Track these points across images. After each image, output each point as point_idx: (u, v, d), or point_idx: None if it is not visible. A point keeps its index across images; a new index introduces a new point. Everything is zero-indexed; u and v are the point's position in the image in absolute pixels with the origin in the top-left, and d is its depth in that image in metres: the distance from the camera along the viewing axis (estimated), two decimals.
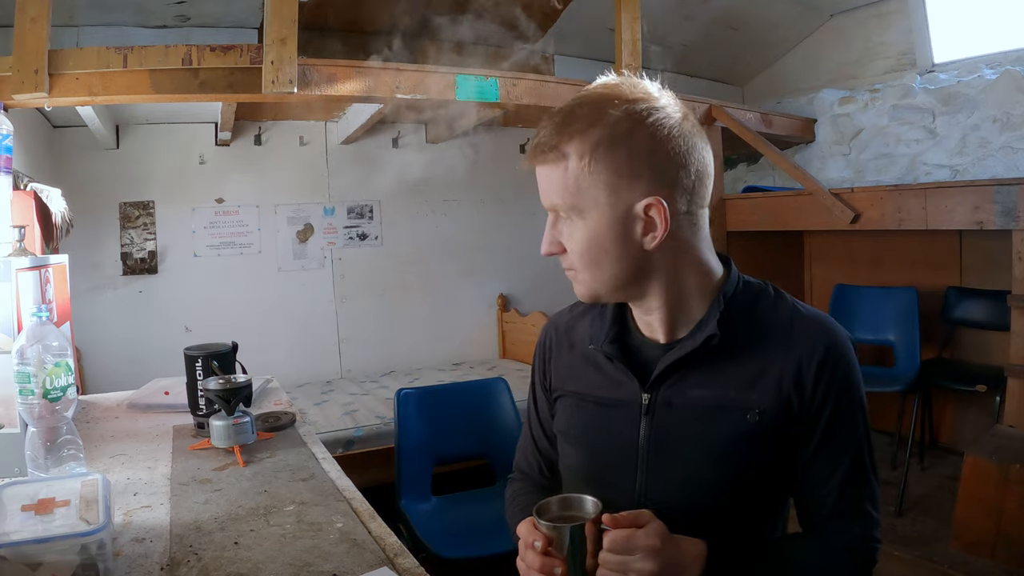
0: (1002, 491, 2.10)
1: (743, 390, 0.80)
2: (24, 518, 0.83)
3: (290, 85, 2.23)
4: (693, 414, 0.82)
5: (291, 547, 0.92)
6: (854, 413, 0.81)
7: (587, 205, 0.78)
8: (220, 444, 1.29)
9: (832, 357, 0.80)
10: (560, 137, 0.78)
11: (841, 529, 0.83)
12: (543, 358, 1.01)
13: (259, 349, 2.65)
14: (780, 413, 0.79)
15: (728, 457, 0.81)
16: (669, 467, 0.83)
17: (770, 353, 0.81)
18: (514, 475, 1.08)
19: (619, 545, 0.71)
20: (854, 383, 0.81)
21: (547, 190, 0.81)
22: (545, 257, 0.87)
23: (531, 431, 1.05)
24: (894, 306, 3.15)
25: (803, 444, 0.81)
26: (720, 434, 0.81)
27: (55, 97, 2.08)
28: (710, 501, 0.82)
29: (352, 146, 4.01)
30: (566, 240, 0.82)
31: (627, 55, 2.93)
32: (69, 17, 2.84)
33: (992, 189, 2.39)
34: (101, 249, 3.51)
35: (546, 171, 0.80)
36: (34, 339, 1.07)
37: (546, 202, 0.82)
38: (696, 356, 0.82)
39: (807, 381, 0.79)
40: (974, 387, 2.67)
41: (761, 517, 0.86)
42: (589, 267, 0.81)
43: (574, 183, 0.78)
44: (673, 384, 0.83)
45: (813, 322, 0.82)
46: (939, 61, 3.58)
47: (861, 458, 0.82)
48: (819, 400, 0.79)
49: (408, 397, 2.17)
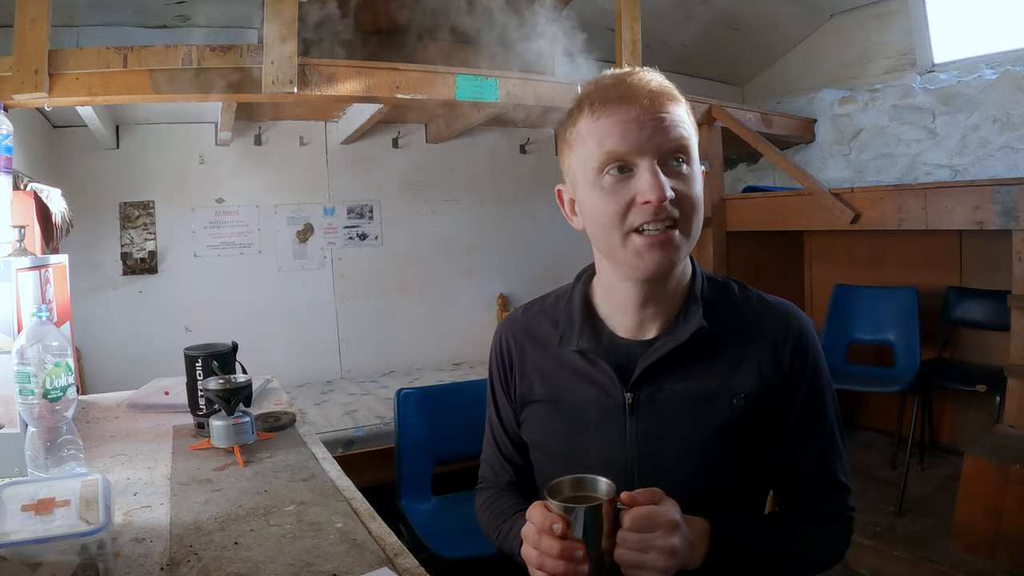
0: (1002, 491, 2.10)
1: (726, 378, 0.84)
2: (24, 518, 0.82)
3: (290, 85, 2.23)
4: (679, 407, 0.84)
5: (291, 547, 0.92)
6: (825, 389, 0.87)
7: (695, 152, 0.82)
8: (220, 444, 1.29)
9: (804, 339, 0.86)
10: (671, 85, 0.83)
11: (823, 499, 0.88)
12: (502, 364, 0.98)
13: (259, 349, 2.65)
14: (763, 395, 0.84)
15: (718, 443, 0.83)
16: (659, 462, 0.84)
17: (746, 341, 0.85)
18: (480, 485, 1.06)
19: (640, 523, 0.70)
20: (822, 361, 0.88)
21: (673, 126, 0.79)
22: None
23: (495, 441, 1.02)
24: (894, 306, 3.15)
25: (783, 421, 0.86)
26: (709, 423, 0.83)
27: (55, 97, 2.08)
28: (701, 490, 0.83)
29: (352, 146, 4.01)
30: (681, 184, 0.79)
31: (627, 55, 2.93)
32: (69, 17, 2.84)
33: (992, 189, 2.39)
34: (101, 249, 3.50)
35: (671, 109, 0.80)
36: (34, 339, 1.07)
37: (665, 139, 0.78)
38: (680, 351, 0.83)
39: (784, 362, 0.84)
40: (974, 387, 2.67)
41: (748, 504, 0.89)
42: (697, 213, 0.81)
43: (690, 126, 0.82)
44: (656, 381, 0.84)
45: (781, 309, 0.88)
46: (939, 61, 3.58)
47: (834, 431, 0.88)
48: (795, 379, 0.85)
49: (408, 397, 2.17)
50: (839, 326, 3.26)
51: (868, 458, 3.13)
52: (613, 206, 0.79)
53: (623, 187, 0.79)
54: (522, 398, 0.96)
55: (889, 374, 3.03)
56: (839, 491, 0.88)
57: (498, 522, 0.95)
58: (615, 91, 0.79)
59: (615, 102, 0.79)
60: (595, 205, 0.81)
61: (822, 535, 0.88)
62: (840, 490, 0.88)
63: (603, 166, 0.79)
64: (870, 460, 3.11)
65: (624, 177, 0.79)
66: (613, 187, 0.79)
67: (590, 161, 0.80)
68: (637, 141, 0.77)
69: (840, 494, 0.88)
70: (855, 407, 3.53)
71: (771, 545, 0.83)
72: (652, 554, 0.70)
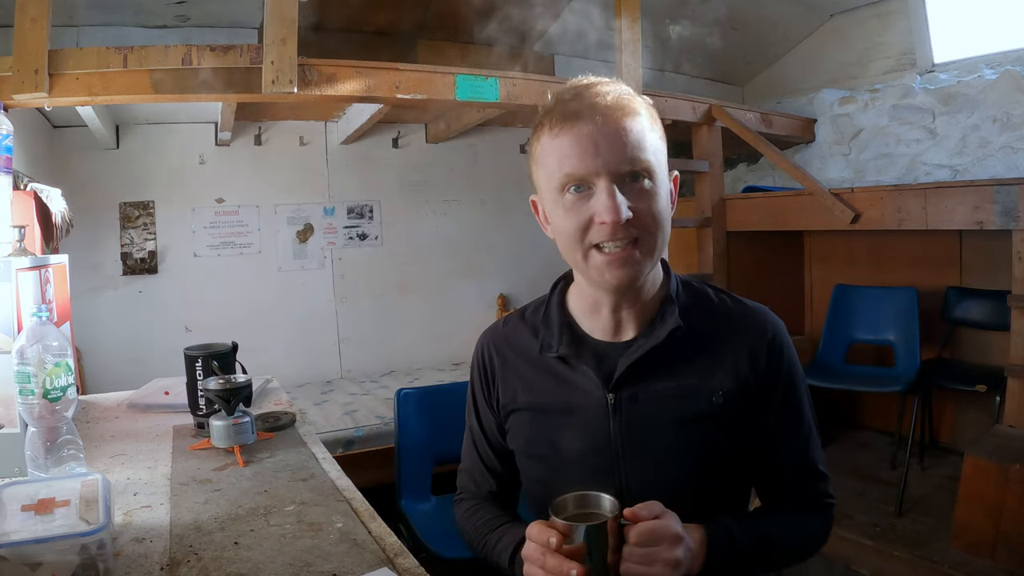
0: (1002, 491, 2.10)
1: (704, 376, 0.86)
2: (24, 518, 0.83)
3: (290, 85, 2.23)
4: (660, 405, 0.86)
5: (291, 547, 0.92)
6: (800, 384, 0.91)
7: (658, 164, 0.82)
8: (220, 444, 1.29)
9: (778, 339, 0.89)
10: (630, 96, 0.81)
11: (807, 489, 0.92)
12: (484, 376, 1.00)
13: (259, 349, 2.65)
14: (740, 392, 0.86)
15: (699, 438, 0.85)
16: (644, 461, 0.86)
17: (722, 341, 0.88)
18: (460, 495, 1.06)
19: (645, 537, 0.72)
20: (796, 358, 0.92)
21: (628, 145, 0.78)
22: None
23: (477, 450, 1.03)
24: (894, 306, 3.15)
25: (763, 417, 0.88)
26: (689, 419, 0.85)
27: (55, 97, 2.08)
28: (686, 487, 0.86)
29: (352, 146, 4.01)
30: (639, 201, 0.79)
31: (627, 55, 2.93)
32: (69, 17, 2.84)
33: (992, 189, 2.39)
34: (101, 249, 3.51)
35: (627, 125, 0.79)
36: (34, 339, 1.07)
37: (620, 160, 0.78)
38: (659, 351, 0.85)
39: (760, 361, 0.87)
40: (974, 387, 2.67)
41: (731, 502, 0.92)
42: (661, 229, 0.82)
43: (648, 140, 0.81)
44: (637, 381, 0.86)
45: (756, 311, 0.92)
46: (939, 61, 3.58)
47: (811, 423, 0.92)
48: (772, 377, 0.88)
49: (408, 397, 2.17)
50: (839, 326, 3.25)
51: (868, 458, 3.13)
52: (574, 224, 0.81)
53: (583, 205, 0.80)
54: (505, 407, 0.97)
55: (889, 374, 3.03)
56: (820, 480, 0.93)
57: (483, 532, 0.96)
58: (572, 106, 0.80)
59: (572, 119, 0.79)
60: (558, 221, 0.83)
61: (808, 525, 0.91)
62: (821, 479, 0.93)
63: (563, 186, 0.81)
64: (870, 460, 3.11)
65: (584, 195, 0.80)
66: (574, 205, 0.80)
67: (552, 180, 0.82)
68: (593, 162, 0.78)
69: (821, 482, 0.93)
70: (855, 407, 3.53)
71: (763, 542, 0.86)
72: (658, 567, 0.72)
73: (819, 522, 0.93)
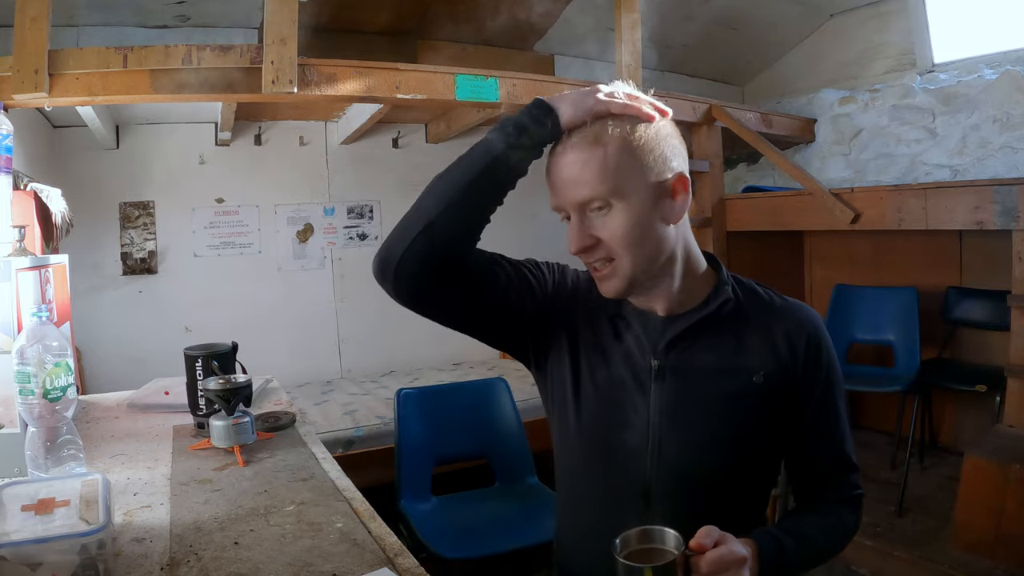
0: (1002, 491, 2.10)
1: (747, 356, 0.89)
2: (24, 518, 0.83)
3: (290, 85, 2.23)
4: (703, 376, 0.89)
5: (291, 547, 0.92)
6: (838, 378, 0.94)
7: (629, 187, 0.82)
8: (220, 444, 1.29)
9: (819, 333, 0.92)
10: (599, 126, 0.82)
11: (840, 481, 0.95)
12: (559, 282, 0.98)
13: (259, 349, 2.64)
14: (781, 376, 0.89)
15: (738, 414, 0.88)
16: (681, 428, 0.89)
17: (767, 327, 0.91)
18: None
19: (716, 567, 0.73)
20: (834, 354, 0.94)
21: (581, 181, 0.82)
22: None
23: (519, 261, 0.99)
24: (894, 306, 3.15)
25: (802, 405, 0.91)
26: (729, 393, 0.88)
27: (55, 97, 2.08)
28: (720, 460, 0.89)
29: (352, 146, 4.01)
30: (601, 230, 0.84)
31: (627, 55, 2.93)
32: (69, 17, 2.84)
33: (992, 189, 2.39)
34: (101, 249, 3.50)
35: (583, 160, 0.81)
36: (34, 339, 1.07)
37: (576, 196, 0.83)
38: (707, 323, 0.89)
39: (800, 350, 0.90)
40: (974, 387, 2.67)
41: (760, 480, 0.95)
42: (631, 249, 0.83)
43: (615, 167, 0.81)
44: (682, 351, 0.89)
45: (799, 305, 0.96)
46: (939, 61, 3.58)
47: (845, 416, 0.95)
48: (813, 368, 0.91)
49: (408, 397, 2.17)
50: (839, 326, 3.25)
51: (868, 458, 3.13)
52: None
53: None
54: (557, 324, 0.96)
55: (889, 374, 3.03)
56: (853, 471, 0.96)
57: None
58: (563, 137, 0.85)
59: (553, 153, 0.86)
60: None
61: (843, 521, 0.94)
62: (854, 469, 0.96)
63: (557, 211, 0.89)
64: (870, 460, 3.11)
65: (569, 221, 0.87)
66: (568, 227, 0.87)
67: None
68: (560, 197, 0.85)
69: (854, 473, 0.96)
70: (855, 407, 3.52)
71: (808, 547, 0.88)
72: None
73: (852, 516, 0.96)
